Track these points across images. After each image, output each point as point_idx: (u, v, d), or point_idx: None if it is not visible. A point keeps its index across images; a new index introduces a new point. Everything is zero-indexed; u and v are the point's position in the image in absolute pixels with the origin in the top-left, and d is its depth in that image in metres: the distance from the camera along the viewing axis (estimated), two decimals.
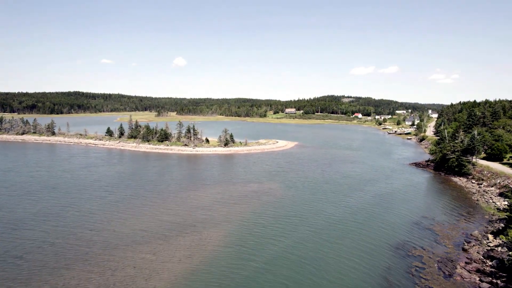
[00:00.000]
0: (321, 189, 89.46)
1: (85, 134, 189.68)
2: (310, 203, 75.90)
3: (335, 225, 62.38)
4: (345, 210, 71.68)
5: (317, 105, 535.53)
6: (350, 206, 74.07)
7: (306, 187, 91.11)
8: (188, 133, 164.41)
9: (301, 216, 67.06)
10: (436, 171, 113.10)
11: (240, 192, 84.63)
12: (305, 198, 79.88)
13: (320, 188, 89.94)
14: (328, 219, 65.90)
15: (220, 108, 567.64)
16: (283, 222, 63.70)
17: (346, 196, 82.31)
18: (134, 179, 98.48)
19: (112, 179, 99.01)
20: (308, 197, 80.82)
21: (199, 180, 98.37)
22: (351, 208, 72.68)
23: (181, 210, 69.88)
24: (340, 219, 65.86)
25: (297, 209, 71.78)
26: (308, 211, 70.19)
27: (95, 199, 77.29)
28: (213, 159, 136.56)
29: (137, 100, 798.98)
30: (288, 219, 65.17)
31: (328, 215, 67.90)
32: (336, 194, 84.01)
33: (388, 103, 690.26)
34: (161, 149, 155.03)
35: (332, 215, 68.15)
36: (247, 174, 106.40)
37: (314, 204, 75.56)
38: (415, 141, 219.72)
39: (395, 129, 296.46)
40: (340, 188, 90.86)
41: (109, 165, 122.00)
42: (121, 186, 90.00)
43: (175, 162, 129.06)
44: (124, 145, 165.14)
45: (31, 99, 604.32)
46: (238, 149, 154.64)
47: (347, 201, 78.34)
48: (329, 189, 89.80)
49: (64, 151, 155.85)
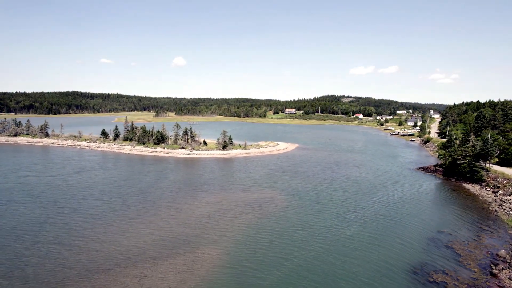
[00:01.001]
0: (328, 197, 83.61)
1: (79, 136, 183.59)
2: (317, 214, 70.04)
3: (346, 241, 56.56)
4: (355, 222, 65.83)
5: (317, 105, 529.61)
6: (360, 218, 68.21)
7: (311, 195, 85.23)
8: (185, 135, 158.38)
9: (309, 230, 61.22)
10: (446, 176, 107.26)
11: (240, 201, 78.73)
12: (311, 208, 73.99)
13: (326, 196, 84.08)
14: (338, 232, 60.09)
15: (220, 108, 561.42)
16: (288, 237, 57.85)
17: (355, 206, 76.46)
18: (127, 186, 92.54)
19: (103, 185, 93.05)
20: (315, 207, 74.92)
21: (195, 187, 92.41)
22: (362, 220, 66.82)
23: (174, 223, 63.94)
24: (351, 233, 60.03)
25: (303, 221, 65.91)
26: (315, 224, 64.34)
27: (82, 210, 71.34)
28: (211, 163, 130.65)
29: (136, 100, 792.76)
30: (294, 234, 59.34)
31: (338, 228, 62.07)
32: (344, 203, 78.15)
33: (389, 103, 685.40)
34: (157, 152, 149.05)
35: (342, 228, 62.31)
36: (247, 180, 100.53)
37: (322, 215, 69.70)
38: (419, 143, 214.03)
39: (397, 130, 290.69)
40: (347, 195, 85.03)
41: (102, 169, 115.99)
42: (112, 194, 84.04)
43: (171, 167, 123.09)
44: (119, 148, 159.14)
45: (29, 99, 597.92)
46: (237, 152, 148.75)
47: (356, 211, 72.49)
48: (336, 197, 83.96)
49: (56, 154, 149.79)
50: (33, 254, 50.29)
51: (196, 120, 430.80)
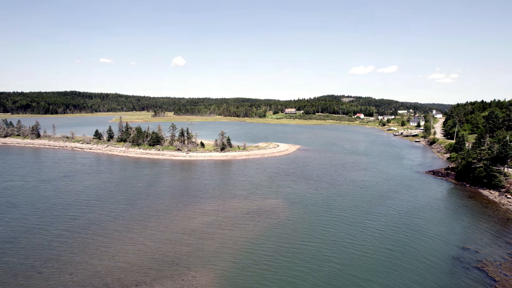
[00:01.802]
0: (336, 204, 76.42)
1: (72, 137, 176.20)
2: (326, 226, 62.88)
3: (361, 259, 49.37)
4: (370, 234, 58.66)
5: (317, 105, 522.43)
6: (374, 229, 61.07)
7: (317, 202, 78.04)
8: (181, 137, 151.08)
9: (317, 246, 54.00)
10: (459, 181, 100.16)
11: (238, 210, 71.49)
12: (318, 218, 66.80)
13: (334, 203, 76.89)
14: (352, 248, 52.97)
15: (219, 108, 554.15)
16: (295, 255, 50.62)
17: (367, 214, 69.36)
18: (117, 192, 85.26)
19: (92, 191, 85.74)
20: (322, 217, 67.71)
21: (190, 193, 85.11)
22: (376, 232, 59.68)
23: (164, 237, 56.67)
24: (366, 249, 52.85)
25: (310, 234, 58.72)
26: (324, 238, 57.19)
27: (64, 221, 64.08)
28: (208, 166, 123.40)
29: (135, 99, 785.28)
30: (301, 251, 52.14)
31: (351, 243, 54.88)
32: (355, 212, 70.99)
33: (389, 103, 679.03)
34: (151, 154, 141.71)
35: (355, 242, 55.10)
36: (246, 185, 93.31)
37: (331, 226, 62.55)
38: (424, 143, 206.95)
39: (400, 130, 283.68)
40: (356, 202, 77.87)
41: (93, 173, 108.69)
42: (99, 202, 76.76)
43: (166, 170, 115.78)
44: (112, 150, 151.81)
45: (26, 99, 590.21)
46: (235, 154, 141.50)
47: (369, 221, 65.39)
48: (344, 204, 76.79)
49: (46, 156, 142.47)
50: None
51: (195, 120, 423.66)
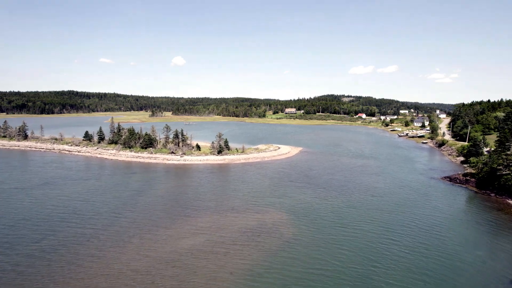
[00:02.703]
0: (349, 218, 66.55)
1: (61, 139, 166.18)
2: (341, 246, 53.07)
3: None
4: (395, 260, 48.69)
5: (318, 105, 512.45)
6: (400, 254, 50.95)
7: (327, 215, 68.17)
8: (175, 139, 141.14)
9: (334, 275, 44.11)
10: (481, 189, 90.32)
11: (236, 227, 61.58)
12: (332, 237, 56.90)
13: (347, 217, 67.03)
14: (377, 278, 42.98)
15: (218, 108, 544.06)
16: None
17: (387, 231, 59.62)
18: (99, 204, 75.27)
19: (71, 202, 75.76)
20: (336, 235, 57.82)
21: (181, 205, 75.15)
22: (403, 257, 49.68)
23: (144, 266, 46.62)
24: (394, 279, 42.92)
25: (323, 258, 48.91)
26: (342, 264, 47.36)
27: (27, 242, 54.07)
28: (204, 171, 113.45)
29: (133, 99, 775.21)
30: (315, 283, 42.29)
31: (375, 271, 44.88)
32: (372, 227, 61.15)
33: (390, 103, 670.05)
34: (143, 158, 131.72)
35: (381, 270, 45.12)
36: (245, 195, 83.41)
37: (347, 246, 52.71)
38: (432, 145, 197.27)
39: (405, 131, 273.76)
40: (372, 215, 68.06)
41: (77, 180, 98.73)
42: (77, 216, 66.83)
43: (157, 177, 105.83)
44: (102, 153, 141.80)
45: (22, 99, 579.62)
46: (234, 158, 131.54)
47: (391, 241, 55.44)
48: (359, 217, 67.00)
49: (31, 160, 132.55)
50: None
51: (193, 120, 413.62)
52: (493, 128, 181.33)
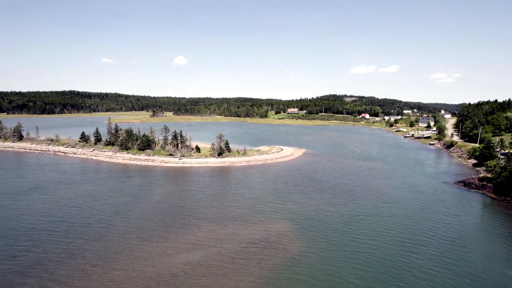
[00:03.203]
0: (361, 228, 60.49)
1: (57, 140, 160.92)
2: (356, 264, 46.94)
3: None
4: (422, 279, 42.62)
5: (320, 105, 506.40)
6: (424, 272, 44.73)
7: (337, 225, 62.16)
8: (174, 140, 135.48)
9: None
10: (500, 195, 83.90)
11: (236, 240, 55.74)
12: (343, 252, 50.78)
13: (359, 227, 60.97)
14: None
15: (219, 108, 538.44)
16: None
17: (406, 243, 53.24)
18: (88, 212, 69.62)
19: (58, 210, 70.15)
20: (348, 250, 51.69)
21: (177, 214, 69.41)
22: (428, 275, 43.61)
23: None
24: None
25: (335, 279, 42.88)
26: (360, 284, 41.39)
27: (2, 260, 48.50)
28: (203, 174, 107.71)
29: (134, 99, 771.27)
30: None
31: None
32: (388, 239, 55.06)
33: (392, 103, 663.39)
34: (140, 160, 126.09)
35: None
36: (246, 201, 77.58)
37: (362, 263, 46.60)
38: (439, 146, 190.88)
39: (411, 131, 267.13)
40: (387, 225, 61.96)
41: (70, 184, 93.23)
42: (62, 227, 61.21)
43: (154, 181, 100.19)
44: (98, 154, 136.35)
45: (23, 99, 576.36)
46: (234, 160, 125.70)
47: (412, 256, 49.17)
48: (373, 227, 61.02)
49: (24, 162, 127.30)
50: None
51: (194, 121, 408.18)
52: (504, 128, 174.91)
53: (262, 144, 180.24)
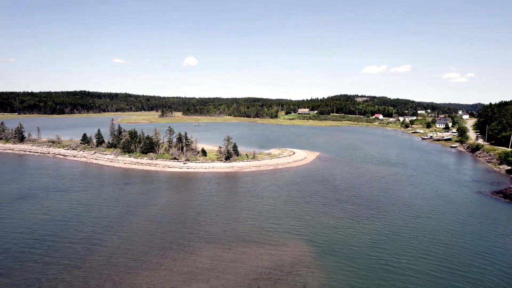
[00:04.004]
0: (394, 252, 50.00)
1: (58, 142, 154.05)
2: None
3: None
4: None
5: (332, 105, 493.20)
6: None
7: (364, 248, 51.86)
8: (179, 143, 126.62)
9: None
10: None
11: (242, 271, 45.99)
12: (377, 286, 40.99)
13: (391, 250, 50.50)
14: None
15: (229, 108, 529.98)
16: None
17: (454, 273, 42.63)
18: (75, 227, 60.98)
19: (42, 225, 61.68)
20: (384, 283, 41.65)
21: (175, 233, 60.12)
22: None
23: None
24: None
25: None
26: None
27: None
28: (209, 181, 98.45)
29: (144, 99, 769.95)
30: None
31: None
32: (431, 265, 44.57)
33: (405, 103, 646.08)
34: (142, 164, 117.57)
35: None
36: (255, 217, 67.88)
37: None
38: (462, 150, 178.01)
39: (429, 133, 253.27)
40: (425, 247, 51.37)
41: (62, 192, 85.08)
42: (38, 247, 52.54)
43: (154, 189, 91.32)
44: (99, 158, 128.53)
45: (34, 99, 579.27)
46: (243, 165, 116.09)
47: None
48: (408, 250, 50.43)
49: (21, 166, 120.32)
50: None
51: (202, 121, 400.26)
52: None
53: (273, 146, 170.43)
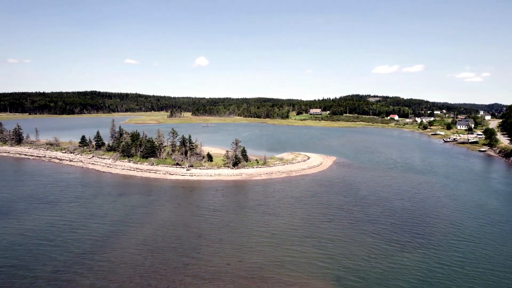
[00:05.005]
0: None
1: (56, 144, 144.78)
2: None
3: None
4: None
5: (345, 105, 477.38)
6: None
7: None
8: (182, 147, 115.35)
9: None
10: None
11: None
12: None
13: None
14: None
15: (239, 109, 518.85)
16: None
17: None
18: (46, 256, 49.97)
19: (5, 252, 50.97)
20: None
21: (166, 265, 48.36)
22: None
23: None
24: None
25: None
26: None
27: None
28: (213, 192, 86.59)
29: (154, 99, 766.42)
30: None
31: None
32: None
33: (419, 103, 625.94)
34: (141, 171, 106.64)
35: None
36: (265, 243, 55.69)
37: None
38: (493, 154, 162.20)
39: (451, 135, 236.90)
40: None
41: (43, 205, 74.57)
42: None
43: (150, 201, 79.93)
44: (96, 162, 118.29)
45: (45, 99, 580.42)
46: (253, 172, 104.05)
47: None
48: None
49: (11, 171, 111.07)
50: None
51: (211, 122, 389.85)
52: None
53: (284, 149, 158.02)
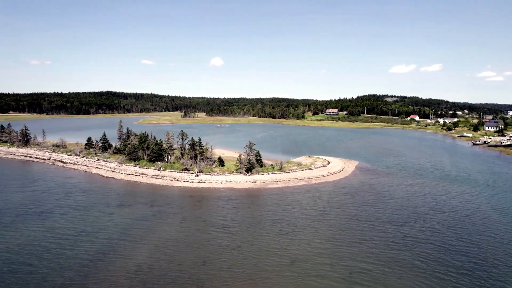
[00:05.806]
0: None
1: (63, 146, 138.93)
2: None
3: None
4: None
5: (362, 105, 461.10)
6: None
7: None
8: (192, 150, 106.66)
9: None
10: None
11: None
12: None
13: None
14: None
15: (253, 109, 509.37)
16: None
17: None
18: (29, 275, 41.83)
19: None
20: None
21: None
22: None
23: None
24: None
25: None
26: None
27: None
28: (223, 203, 77.21)
29: (169, 99, 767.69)
30: None
31: None
32: None
33: (439, 103, 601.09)
34: (147, 176, 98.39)
35: None
36: (285, 277, 45.91)
37: None
38: None
39: (481, 138, 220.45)
40: None
41: (34, 216, 67.16)
42: None
43: (151, 214, 71.13)
44: (101, 166, 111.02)
45: (62, 99, 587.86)
46: (267, 179, 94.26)
47: None
48: None
49: (11, 176, 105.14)
50: None
51: (225, 122, 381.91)
52: None
53: (301, 152, 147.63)
